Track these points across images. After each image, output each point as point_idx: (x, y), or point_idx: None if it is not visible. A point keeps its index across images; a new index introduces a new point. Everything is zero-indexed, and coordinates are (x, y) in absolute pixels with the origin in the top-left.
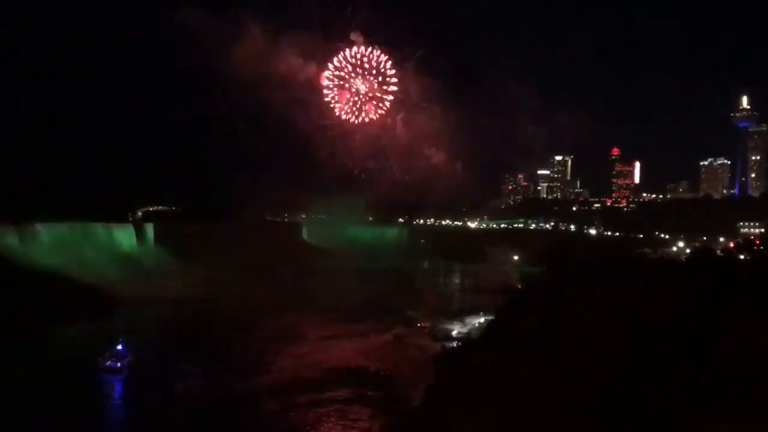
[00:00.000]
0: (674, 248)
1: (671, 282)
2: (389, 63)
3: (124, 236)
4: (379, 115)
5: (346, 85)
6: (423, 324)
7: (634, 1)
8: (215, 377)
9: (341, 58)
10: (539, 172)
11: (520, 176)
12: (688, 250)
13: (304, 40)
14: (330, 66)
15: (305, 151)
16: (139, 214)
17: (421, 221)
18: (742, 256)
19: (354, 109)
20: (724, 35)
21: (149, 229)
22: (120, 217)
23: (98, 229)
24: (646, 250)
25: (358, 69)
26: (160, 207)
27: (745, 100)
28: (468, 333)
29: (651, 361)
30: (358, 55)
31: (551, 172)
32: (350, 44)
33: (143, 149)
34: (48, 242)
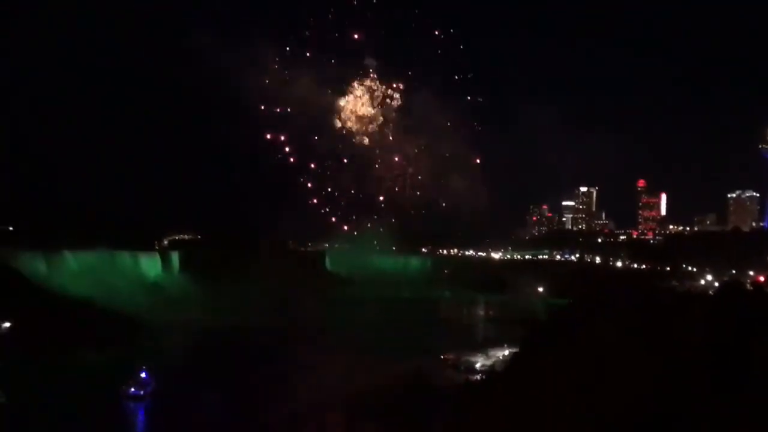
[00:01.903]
0: (702, 281)
1: (700, 314)
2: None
3: (150, 264)
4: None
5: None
6: (446, 356)
7: (660, 33)
8: (236, 407)
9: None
10: (564, 203)
11: (544, 207)
12: (716, 284)
13: (320, 64)
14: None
15: (327, 178)
16: (165, 242)
17: (445, 251)
18: None
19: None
20: (751, 66)
21: (175, 257)
22: (147, 245)
23: (125, 257)
24: (674, 282)
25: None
26: (185, 236)
27: None
28: (492, 365)
29: (680, 392)
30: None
31: (576, 203)
32: (365, 70)
33: (169, 176)
34: (76, 269)
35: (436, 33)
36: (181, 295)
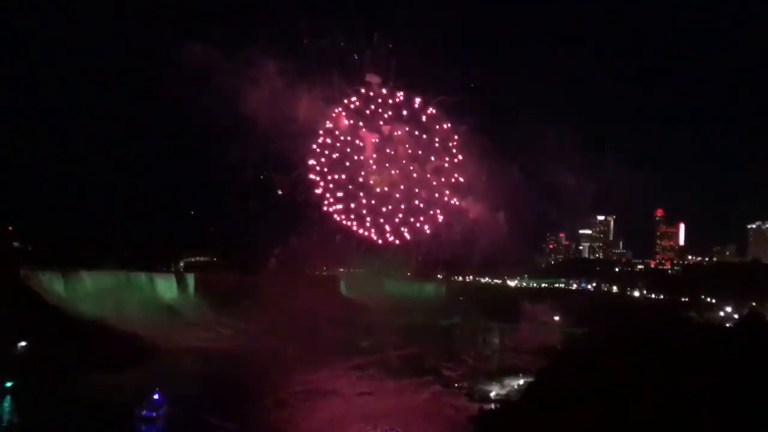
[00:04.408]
0: (721, 313)
1: (719, 348)
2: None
3: (165, 286)
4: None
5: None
6: (460, 384)
7: (679, 62)
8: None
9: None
10: (581, 231)
11: (561, 235)
12: (736, 316)
13: (323, 84)
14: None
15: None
16: (182, 264)
17: (460, 278)
18: None
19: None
20: None
21: (190, 279)
22: (163, 267)
23: (141, 278)
24: (692, 314)
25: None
26: (201, 258)
27: None
28: (507, 395)
29: (698, 429)
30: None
31: (593, 231)
32: (367, 86)
33: (186, 198)
34: (93, 290)
35: (449, 55)
36: (197, 317)
